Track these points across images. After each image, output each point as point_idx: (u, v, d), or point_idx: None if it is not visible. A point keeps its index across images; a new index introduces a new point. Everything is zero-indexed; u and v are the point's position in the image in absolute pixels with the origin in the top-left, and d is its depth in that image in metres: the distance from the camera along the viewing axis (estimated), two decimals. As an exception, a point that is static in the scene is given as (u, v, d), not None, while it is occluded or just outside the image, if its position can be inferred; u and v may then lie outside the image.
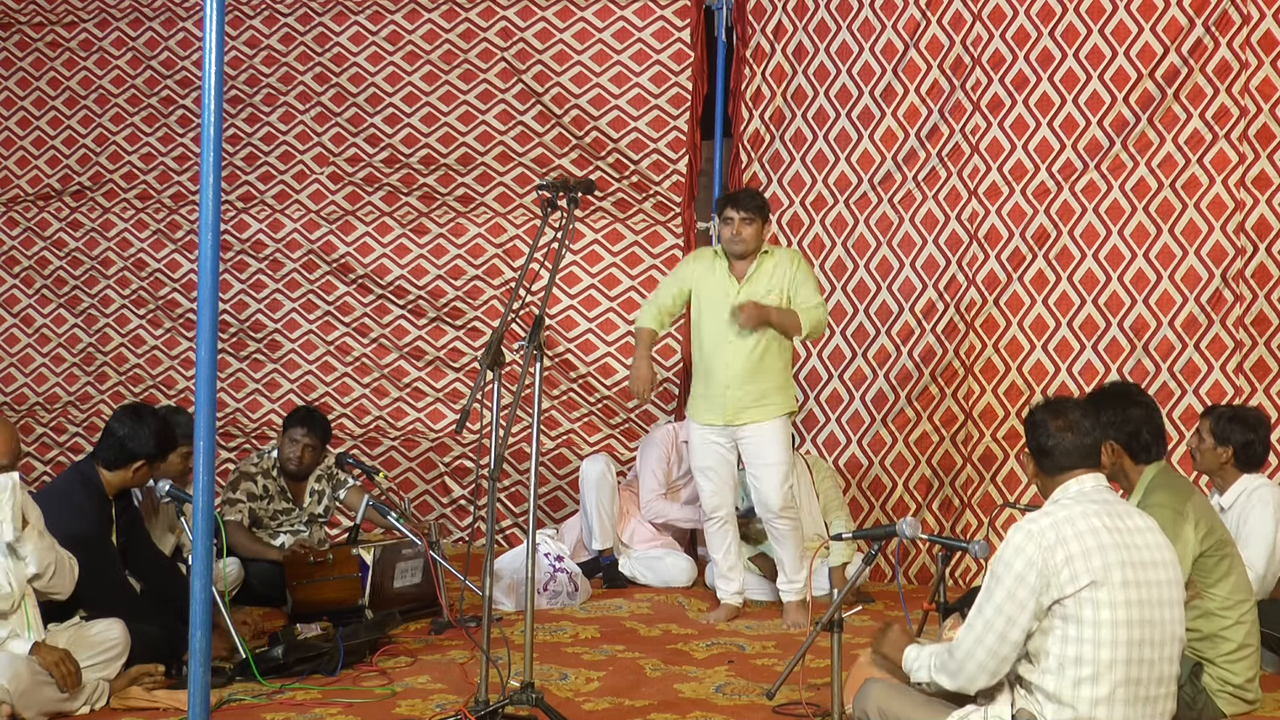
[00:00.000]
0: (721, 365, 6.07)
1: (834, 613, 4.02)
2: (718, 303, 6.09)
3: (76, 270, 8.55)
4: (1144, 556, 3.56)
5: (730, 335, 6.05)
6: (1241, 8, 6.86)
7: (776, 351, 6.10)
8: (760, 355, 6.05)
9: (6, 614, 4.44)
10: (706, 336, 6.14)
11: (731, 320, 6.01)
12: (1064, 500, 3.63)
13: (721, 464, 6.19)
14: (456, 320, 8.03)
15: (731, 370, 6.05)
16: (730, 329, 6.05)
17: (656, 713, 4.69)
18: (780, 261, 6.14)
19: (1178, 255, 6.93)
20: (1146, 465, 4.57)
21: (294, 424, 6.56)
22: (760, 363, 6.05)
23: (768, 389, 6.08)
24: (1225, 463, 5.36)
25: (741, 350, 6.04)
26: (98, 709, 4.59)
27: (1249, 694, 4.47)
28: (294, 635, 5.10)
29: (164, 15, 8.45)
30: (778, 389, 6.11)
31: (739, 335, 6.03)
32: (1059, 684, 3.49)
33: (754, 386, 6.05)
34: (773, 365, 6.10)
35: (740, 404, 6.06)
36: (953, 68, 7.28)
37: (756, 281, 6.10)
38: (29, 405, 8.58)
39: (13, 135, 8.70)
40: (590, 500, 7.01)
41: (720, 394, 6.08)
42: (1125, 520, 3.59)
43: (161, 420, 5.26)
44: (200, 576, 3.98)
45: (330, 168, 8.21)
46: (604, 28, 7.83)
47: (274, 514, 6.53)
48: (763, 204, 6.20)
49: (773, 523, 6.12)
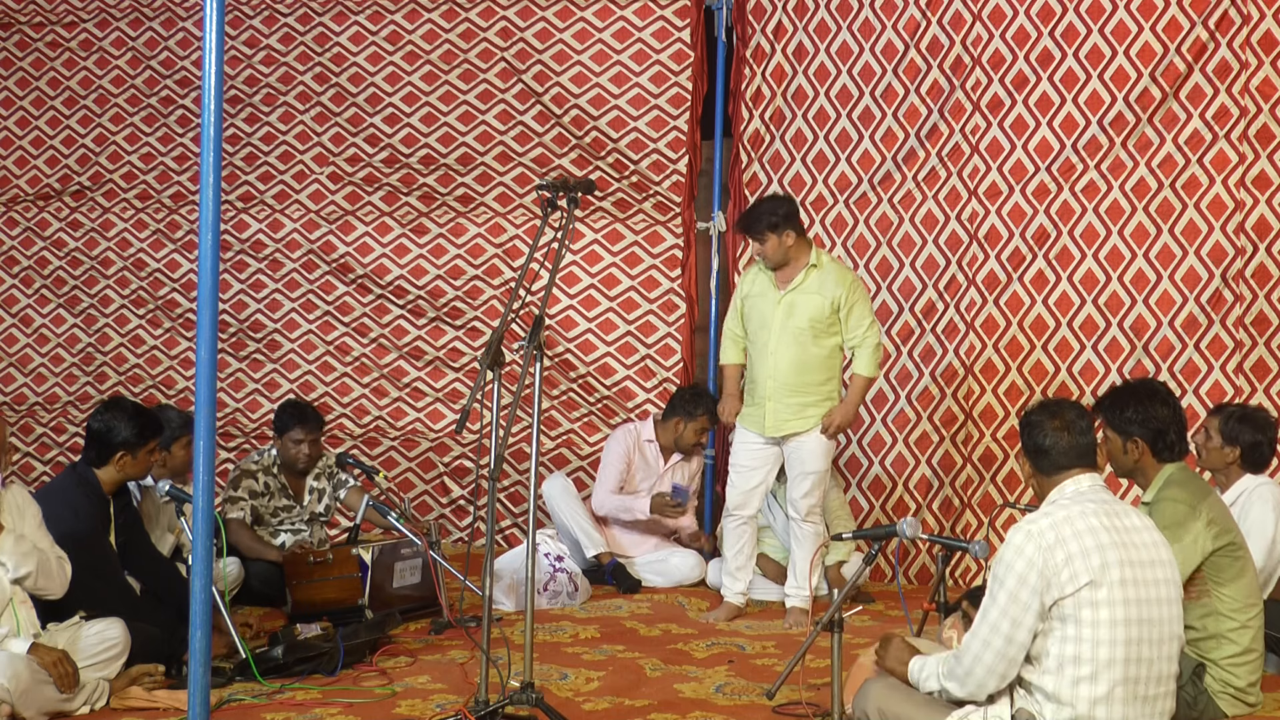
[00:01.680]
0: (765, 376, 6.12)
1: (834, 613, 4.01)
2: (764, 312, 6.15)
3: (76, 270, 8.55)
4: (1142, 556, 3.56)
5: (773, 345, 6.09)
6: (1241, 8, 6.86)
7: (821, 363, 6.11)
8: (803, 367, 6.08)
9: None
10: (754, 346, 6.21)
11: (778, 331, 6.07)
12: (1062, 500, 3.64)
13: (756, 465, 6.22)
14: (456, 320, 8.03)
15: (775, 381, 6.09)
16: (773, 338, 6.09)
17: (656, 713, 4.69)
18: (828, 278, 6.08)
19: (1178, 255, 6.93)
20: (1167, 464, 4.57)
21: (289, 426, 6.54)
22: (802, 375, 6.08)
23: (810, 401, 6.09)
24: (1231, 463, 5.35)
25: (784, 361, 6.08)
26: (98, 709, 4.59)
27: (1250, 697, 4.47)
28: (294, 635, 5.10)
29: (164, 15, 8.45)
30: (822, 400, 6.12)
31: (782, 345, 6.07)
32: (1058, 683, 3.49)
33: (796, 399, 6.09)
34: (814, 378, 6.10)
35: (780, 415, 6.09)
36: (953, 68, 7.27)
37: (801, 292, 6.08)
38: (29, 405, 8.58)
39: (12, 135, 8.70)
40: (564, 514, 7.01)
41: (761, 404, 6.13)
42: (1123, 520, 3.60)
43: (137, 408, 5.25)
44: (200, 576, 3.97)
45: (330, 168, 8.21)
46: (604, 28, 7.83)
47: (275, 510, 6.53)
48: (774, 220, 6.05)
49: (798, 523, 6.17)
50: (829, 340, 6.13)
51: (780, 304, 6.10)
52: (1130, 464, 4.57)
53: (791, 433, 6.11)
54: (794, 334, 6.09)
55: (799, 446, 6.12)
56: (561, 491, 7.07)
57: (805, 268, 6.10)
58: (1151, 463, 4.56)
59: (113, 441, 5.06)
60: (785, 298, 6.11)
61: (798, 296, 6.09)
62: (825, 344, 6.12)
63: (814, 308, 6.06)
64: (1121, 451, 4.57)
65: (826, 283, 6.08)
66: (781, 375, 6.08)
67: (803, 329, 6.08)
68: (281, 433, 6.56)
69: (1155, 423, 4.54)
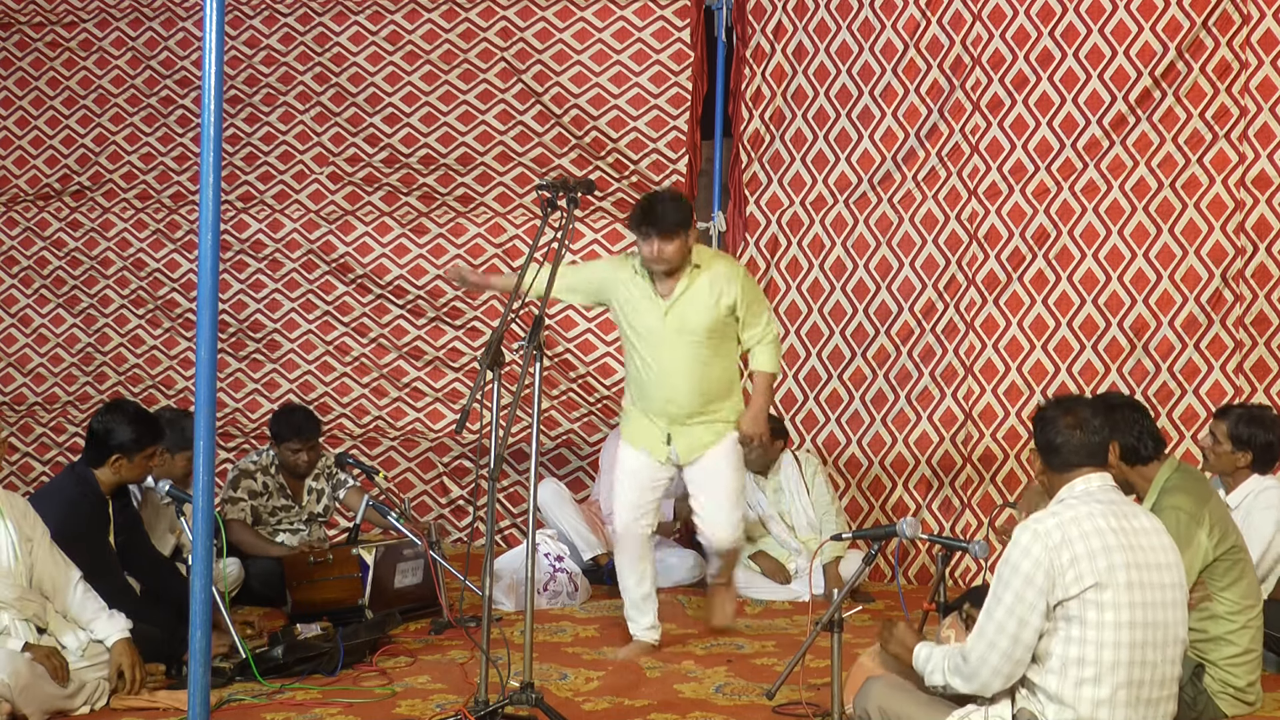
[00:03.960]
0: (661, 398, 5.37)
1: (834, 613, 4.01)
2: (648, 327, 5.34)
3: (75, 270, 8.54)
4: (1149, 558, 3.55)
5: (665, 362, 5.33)
6: (1241, 7, 6.86)
7: (723, 373, 5.44)
8: (706, 383, 5.37)
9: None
10: (638, 355, 5.40)
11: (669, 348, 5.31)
12: (1069, 500, 3.62)
13: (646, 481, 5.46)
14: (456, 320, 8.02)
15: (676, 406, 5.37)
16: (665, 354, 5.32)
17: (656, 713, 4.69)
18: (718, 277, 5.33)
19: (1178, 255, 6.93)
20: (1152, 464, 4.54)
21: (286, 438, 6.53)
22: (707, 393, 5.38)
23: (718, 417, 5.43)
24: (1243, 466, 5.26)
25: (683, 382, 5.33)
26: (98, 709, 4.59)
27: (1249, 696, 4.48)
28: (294, 635, 5.10)
29: (164, 15, 8.45)
30: (731, 410, 5.47)
31: (677, 364, 5.31)
32: (1061, 684, 3.49)
33: (703, 420, 5.41)
34: (719, 390, 5.43)
35: (690, 443, 5.40)
36: (953, 68, 7.27)
37: (688, 302, 5.31)
38: (28, 405, 8.57)
39: (11, 135, 8.69)
40: (559, 520, 6.99)
41: (659, 426, 5.41)
42: (1131, 521, 3.59)
43: (140, 413, 5.25)
44: (200, 576, 3.97)
45: (330, 168, 8.21)
46: (604, 28, 7.83)
47: (273, 510, 6.53)
48: (685, 216, 5.30)
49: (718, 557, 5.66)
50: (727, 345, 5.43)
51: (668, 316, 5.32)
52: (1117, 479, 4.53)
53: (695, 449, 5.43)
54: (690, 348, 5.33)
55: (709, 463, 5.41)
56: (554, 496, 7.05)
57: (688, 271, 5.32)
58: (1132, 468, 4.52)
59: (109, 444, 5.07)
60: (673, 309, 5.31)
61: (686, 308, 5.31)
62: (725, 350, 5.43)
63: (708, 316, 5.31)
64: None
65: (716, 281, 5.32)
66: (683, 399, 5.34)
67: (699, 341, 5.32)
68: (279, 442, 6.56)
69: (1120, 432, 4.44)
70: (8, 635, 4.45)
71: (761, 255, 7.62)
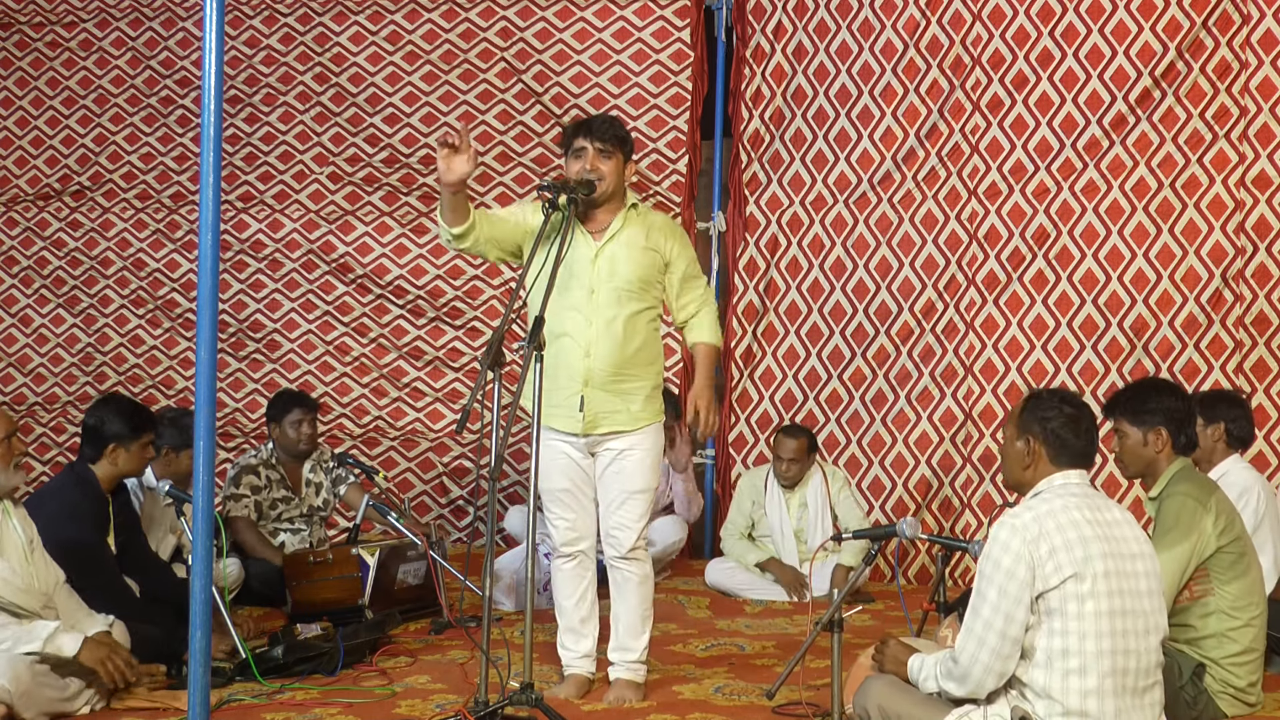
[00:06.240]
0: (578, 354, 4.66)
1: (834, 613, 4.01)
2: (571, 270, 4.60)
3: (76, 270, 8.55)
4: (1124, 549, 3.57)
5: (587, 311, 4.65)
6: (1241, 7, 6.86)
7: (646, 337, 4.74)
8: (627, 340, 4.67)
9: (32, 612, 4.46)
10: (555, 317, 4.54)
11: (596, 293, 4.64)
12: (1046, 494, 3.64)
13: (580, 485, 4.76)
14: (456, 320, 8.02)
15: (594, 359, 4.66)
16: (587, 301, 4.63)
17: (656, 713, 4.68)
18: (654, 224, 4.76)
19: (1178, 255, 6.93)
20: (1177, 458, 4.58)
21: (289, 408, 6.60)
22: (626, 352, 4.67)
23: (635, 388, 4.72)
24: (1218, 440, 5.34)
25: (605, 334, 4.64)
26: (98, 709, 4.58)
27: (1251, 697, 4.47)
28: (294, 635, 5.10)
29: (164, 15, 8.45)
30: (650, 390, 4.78)
31: (601, 312, 4.64)
32: (1048, 678, 3.49)
33: (620, 385, 4.69)
34: (641, 356, 4.73)
35: (601, 406, 4.67)
36: (953, 67, 7.27)
37: (623, 243, 4.68)
38: (28, 405, 8.57)
39: (11, 135, 8.69)
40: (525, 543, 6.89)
41: (573, 389, 4.67)
42: (1104, 514, 3.61)
43: (131, 403, 5.26)
44: (200, 576, 3.97)
45: (330, 167, 8.21)
46: (604, 28, 7.83)
47: (273, 503, 6.54)
48: (626, 136, 4.74)
49: (616, 564, 4.78)
50: (651, 309, 4.75)
51: (598, 259, 4.66)
52: (1150, 457, 4.54)
53: (612, 430, 4.69)
54: (616, 297, 4.65)
55: (622, 458, 4.71)
56: (520, 524, 6.95)
57: (624, 209, 4.72)
58: (1168, 455, 4.55)
59: (104, 435, 5.07)
60: (604, 249, 4.67)
61: (619, 249, 4.67)
62: (648, 312, 4.74)
63: (643, 263, 4.69)
64: (1142, 444, 4.54)
65: (653, 230, 4.74)
66: (603, 353, 4.64)
67: (628, 291, 4.67)
68: (280, 417, 6.59)
69: (1177, 414, 4.55)
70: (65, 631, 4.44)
71: (761, 255, 7.62)
